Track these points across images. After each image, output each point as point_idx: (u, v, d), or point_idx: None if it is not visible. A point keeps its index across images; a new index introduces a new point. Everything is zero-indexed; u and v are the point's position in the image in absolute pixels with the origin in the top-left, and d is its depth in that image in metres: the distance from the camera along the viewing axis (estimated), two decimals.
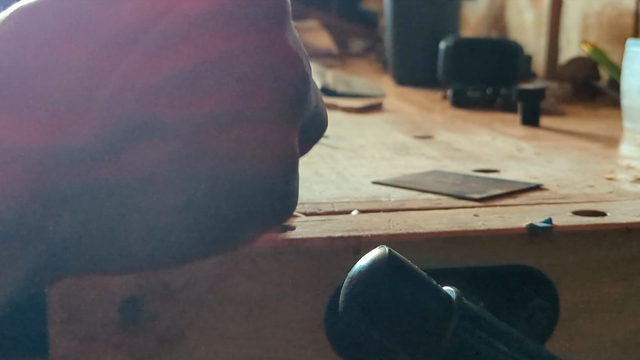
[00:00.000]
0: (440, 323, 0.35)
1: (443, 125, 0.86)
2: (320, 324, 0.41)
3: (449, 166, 0.62)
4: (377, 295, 0.34)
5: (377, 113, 0.96)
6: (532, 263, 0.43)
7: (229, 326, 0.40)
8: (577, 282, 0.43)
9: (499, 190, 0.52)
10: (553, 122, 0.88)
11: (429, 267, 0.38)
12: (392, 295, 0.34)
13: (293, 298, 0.41)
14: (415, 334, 0.35)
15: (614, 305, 0.44)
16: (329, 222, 0.44)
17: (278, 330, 0.41)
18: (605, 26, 1.14)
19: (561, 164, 0.63)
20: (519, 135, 0.78)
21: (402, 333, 0.35)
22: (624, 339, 0.44)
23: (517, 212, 0.46)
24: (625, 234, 0.44)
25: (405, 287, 0.35)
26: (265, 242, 0.41)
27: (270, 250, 0.40)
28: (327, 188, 0.54)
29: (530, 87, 0.93)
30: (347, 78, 1.19)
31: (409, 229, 0.42)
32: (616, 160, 0.66)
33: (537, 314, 0.43)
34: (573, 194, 0.53)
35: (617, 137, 0.80)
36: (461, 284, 0.41)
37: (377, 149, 0.70)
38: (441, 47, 1.09)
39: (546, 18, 1.29)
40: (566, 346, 0.43)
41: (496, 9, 1.52)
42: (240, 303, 0.40)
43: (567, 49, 1.25)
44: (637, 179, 0.58)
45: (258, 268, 0.40)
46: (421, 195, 0.52)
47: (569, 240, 0.43)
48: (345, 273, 0.36)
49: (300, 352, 0.41)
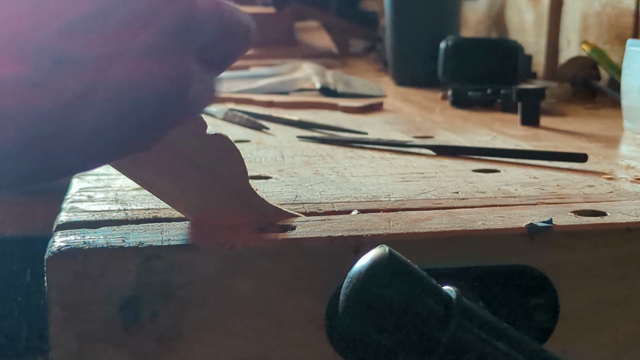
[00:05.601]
0: (440, 323, 0.35)
1: (443, 125, 0.86)
2: (320, 324, 0.41)
3: (449, 166, 0.62)
4: (377, 295, 0.34)
5: (377, 113, 0.96)
6: (532, 263, 0.43)
7: (229, 326, 0.40)
8: (577, 282, 0.43)
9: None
10: (553, 122, 0.88)
11: (429, 267, 0.38)
12: (392, 295, 0.34)
13: (293, 298, 0.41)
14: (415, 334, 0.35)
15: (614, 305, 0.44)
16: (329, 222, 0.44)
17: (278, 330, 0.41)
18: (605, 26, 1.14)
19: (561, 164, 0.63)
20: (519, 135, 0.78)
21: (402, 333, 0.35)
22: (624, 339, 0.44)
23: (517, 212, 0.46)
24: (625, 234, 0.44)
25: (405, 287, 0.35)
26: (265, 242, 0.41)
27: (270, 250, 0.40)
28: (327, 188, 0.54)
29: (530, 87, 0.93)
30: (347, 78, 1.19)
31: (409, 229, 0.42)
32: (616, 160, 0.66)
33: (537, 314, 0.43)
34: (573, 194, 0.53)
35: (617, 137, 0.80)
36: (461, 284, 0.41)
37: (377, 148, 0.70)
38: (441, 47, 1.09)
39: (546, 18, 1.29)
40: (566, 346, 0.43)
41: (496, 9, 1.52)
42: (240, 303, 0.40)
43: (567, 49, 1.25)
44: (637, 178, 0.58)
45: (258, 268, 0.40)
46: (421, 195, 0.52)
47: (569, 240, 0.43)
48: (345, 273, 0.36)
49: (300, 352, 0.41)
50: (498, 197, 0.52)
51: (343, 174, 0.59)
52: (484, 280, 0.42)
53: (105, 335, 0.39)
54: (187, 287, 0.40)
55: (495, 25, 1.53)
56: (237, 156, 0.43)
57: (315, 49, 1.63)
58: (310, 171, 0.60)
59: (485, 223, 0.44)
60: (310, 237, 0.41)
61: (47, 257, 0.39)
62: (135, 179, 0.45)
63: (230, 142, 0.43)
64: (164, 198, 0.45)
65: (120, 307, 0.39)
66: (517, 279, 0.43)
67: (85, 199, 0.51)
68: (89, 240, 0.40)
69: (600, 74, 1.07)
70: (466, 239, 0.42)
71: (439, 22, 1.20)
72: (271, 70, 1.26)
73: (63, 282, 0.39)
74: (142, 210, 0.48)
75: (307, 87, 1.10)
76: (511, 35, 1.45)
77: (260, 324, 0.41)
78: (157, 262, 0.39)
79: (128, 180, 0.47)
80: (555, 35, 1.28)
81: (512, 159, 0.65)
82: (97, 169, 0.58)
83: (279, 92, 1.07)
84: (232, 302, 0.40)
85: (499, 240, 0.43)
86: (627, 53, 0.83)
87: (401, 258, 0.35)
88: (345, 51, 1.72)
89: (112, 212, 0.48)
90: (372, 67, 1.48)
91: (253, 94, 1.04)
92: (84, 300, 0.39)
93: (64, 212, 0.48)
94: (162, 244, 0.40)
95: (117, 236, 0.41)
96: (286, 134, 0.78)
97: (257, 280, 0.40)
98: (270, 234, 0.42)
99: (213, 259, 0.40)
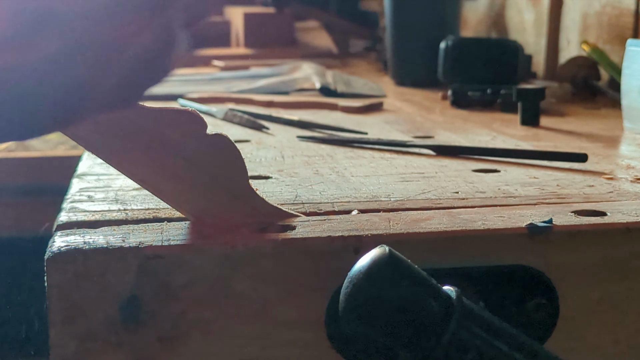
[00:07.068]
0: (440, 323, 0.35)
1: (443, 125, 0.86)
2: (320, 324, 0.41)
3: (449, 166, 0.62)
4: (377, 295, 0.34)
5: (377, 113, 0.96)
6: (532, 263, 0.43)
7: (229, 326, 0.40)
8: (577, 282, 0.43)
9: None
10: (553, 122, 0.88)
11: (429, 267, 0.38)
12: (392, 295, 0.34)
13: (293, 298, 0.41)
14: (415, 334, 0.35)
15: (614, 305, 0.44)
16: (329, 222, 0.44)
17: (278, 330, 0.41)
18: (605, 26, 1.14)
19: (561, 164, 0.63)
20: (519, 135, 0.78)
21: (402, 333, 0.35)
22: (624, 339, 0.44)
23: (517, 212, 0.46)
24: (625, 234, 0.44)
25: (405, 287, 0.35)
26: (266, 242, 0.41)
27: (271, 250, 0.40)
28: (327, 188, 0.54)
29: (530, 87, 0.93)
30: (347, 78, 1.19)
31: (409, 229, 0.42)
32: (616, 160, 0.66)
33: (537, 313, 0.43)
34: (573, 194, 0.53)
35: (617, 137, 0.80)
36: (461, 284, 0.41)
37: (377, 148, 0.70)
38: (441, 47, 1.09)
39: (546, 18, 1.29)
40: (566, 346, 0.43)
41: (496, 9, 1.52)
42: (240, 303, 0.40)
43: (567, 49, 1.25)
44: (637, 178, 0.58)
45: (258, 268, 0.40)
46: (421, 195, 0.52)
47: (569, 240, 0.43)
48: (345, 273, 0.36)
49: (300, 352, 0.41)
50: (498, 197, 0.52)
51: (343, 174, 0.59)
52: (484, 280, 0.42)
53: (105, 335, 0.39)
54: (187, 287, 0.40)
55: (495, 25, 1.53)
56: (237, 156, 0.43)
57: (315, 49, 1.63)
58: (310, 171, 0.60)
59: (485, 223, 0.44)
60: (310, 237, 0.41)
61: (47, 257, 0.39)
62: (135, 179, 0.45)
63: (230, 142, 0.43)
64: (164, 198, 0.45)
65: (120, 307, 0.39)
66: (517, 279, 0.43)
67: (85, 199, 0.51)
68: (89, 240, 0.40)
69: (600, 74, 1.07)
70: (466, 239, 0.42)
71: (439, 22, 1.20)
72: (271, 70, 1.26)
73: (63, 282, 0.39)
74: (142, 210, 0.48)
75: (307, 87, 1.10)
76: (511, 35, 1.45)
77: (260, 324, 0.41)
78: (157, 262, 0.39)
79: (128, 180, 0.47)
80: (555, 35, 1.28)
81: (512, 159, 0.65)
82: (97, 169, 0.58)
83: (279, 92, 1.07)
84: (232, 302, 0.40)
85: (499, 240, 0.43)
86: (627, 53, 0.83)
87: (401, 258, 0.35)
88: (345, 51, 1.72)
89: (112, 212, 0.48)
90: (372, 67, 1.47)
91: (253, 94, 1.04)
92: (84, 300, 0.39)
93: (64, 212, 0.48)
94: (162, 244, 0.40)
95: (117, 236, 0.41)
96: (286, 134, 0.78)
97: (257, 280, 0.40)
98: (270, 234, 0.42)
99: (213, 259, 0.40)
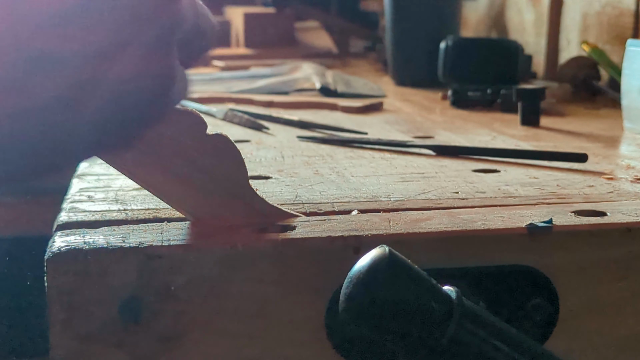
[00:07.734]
0: (440, 323, 0.35)
1: (443, 125, 0.86)
2: (320, 324, 0.41)
3: (449, 166, 0.62)
4: (377, 295, 0.34)
5: (377, 113, 0.96)
6: (532, 263, 0.43)
7: (229, 326, 0.40)
8: (577, 282, 0.43)
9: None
10: (553, 122, 0.88)
11: (429, 267, 0.38)
12: (392, 295, 0.34)
13: (293, 298, 0.41)
14: (415, 334, 0.35)
15: (614, 305, 0.44)
16: (329, 222, 0.44)
17: (278, 330, 0.41)
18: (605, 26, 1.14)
19: (561, 164, 0.63)
20: (519, 135, 0.78)
21: (402, 333, 0.35)
22: (624, 339, 0.44)
23: (517, 212, 0.46)
24: (625, 234, 0.44)
25: (405, 287, 0.35)
26: (266, 242, 0.41)
27: (271, 251, 0.40)
28: (327, 188, 0.54)
29: (530, 87, 0.93)
30: (347, 78, 1.19)
31: (409, 229, 0.42)
32: (616, 160, 0.66)
33: (537, 313, 0.43)
34: (573, 194, 0.53)
35: (617, 137, 0.80)
36: (461, 284, 0.41)
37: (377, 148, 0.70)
38: (441, 47, 1.09)
39: (546, 18, 1.29)
40: (566, 346, 0.43)
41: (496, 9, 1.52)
42: (240, 303, 0.40)
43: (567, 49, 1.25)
44: (637, 178, 0.58)
45: (258, 268, 0.40)
46: (421, 195, 0.52)
47: (569, 240, 0.43)
48: (345, 273, 0.36)
49: (300, 352, 0.41)
50: (498, 197, 0.52)
51: (343, 174, 0.59)
52: (484, 280, 0.42)
53: (105, 335, 0.39)
54: (187, 287, 0.40)
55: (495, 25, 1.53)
56: (237, 156, 0.43)
57: (315, 49, 1.63)
58: (310, 171, 0.60)
59: (485, 223, 0.44)
60: (310, 237, 0.41)
61: (47, 257, 0.39)
62: (135, 179, 0.45)
63: (230, 142, 0.43)
64: (164, 198, 0.45)
65: (120, 307, 0.39)
66: (517, 279, 0.43)
67: (85, 199, 0.51)
68: (89, 240, 0.40)
69: (600, 74, 1.07)
70: (466, 239, 0.42)
71: (439, 22, 1.20)
72: (271, 70, 1.26)
73: (63, 282, 0.39)
74: (142, 210, 0.48)
75: (307, 87, 1.10)
76: (511, 35, 1.45)
77: (260, 324, 0.41)
78: (157, 262, 0.39)
79: (128, 180, 0.47)
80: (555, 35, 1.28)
81: (512, 159, 0.65)
82: (97, 169, 0.58)
83: (279, 92, 1.07)
84: (232, 302, 0.40)
85: (499, 240, 0.43)
86: (627, 53, 0.83)
87: (401, 258, 0.35)
88: (345, 51, 1.72)
89: (112, 212, 0.48)
90: (372, 67, 1.47)
91: (253, 94, 1.04)
92: (84, 300, 0.39)
93: (64, 212, 0.48)
94: (162, 244, 0.40)
95: (117, 236, 0.41)
96: (286, 134, 0.78)
97: (257, 280, 0.40)
98: (270, 234, 0.42)
99: (213, 259, 0.40)
